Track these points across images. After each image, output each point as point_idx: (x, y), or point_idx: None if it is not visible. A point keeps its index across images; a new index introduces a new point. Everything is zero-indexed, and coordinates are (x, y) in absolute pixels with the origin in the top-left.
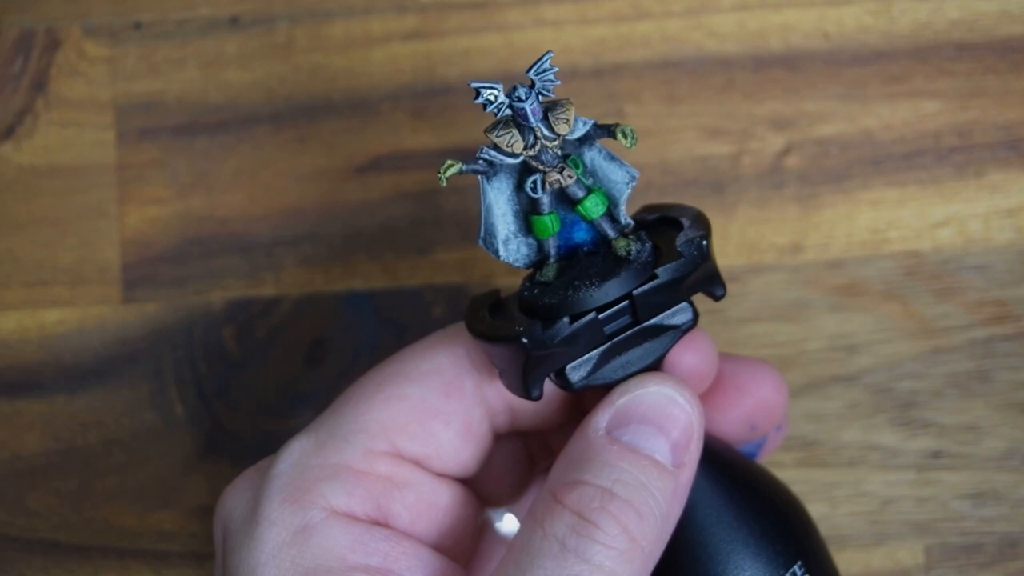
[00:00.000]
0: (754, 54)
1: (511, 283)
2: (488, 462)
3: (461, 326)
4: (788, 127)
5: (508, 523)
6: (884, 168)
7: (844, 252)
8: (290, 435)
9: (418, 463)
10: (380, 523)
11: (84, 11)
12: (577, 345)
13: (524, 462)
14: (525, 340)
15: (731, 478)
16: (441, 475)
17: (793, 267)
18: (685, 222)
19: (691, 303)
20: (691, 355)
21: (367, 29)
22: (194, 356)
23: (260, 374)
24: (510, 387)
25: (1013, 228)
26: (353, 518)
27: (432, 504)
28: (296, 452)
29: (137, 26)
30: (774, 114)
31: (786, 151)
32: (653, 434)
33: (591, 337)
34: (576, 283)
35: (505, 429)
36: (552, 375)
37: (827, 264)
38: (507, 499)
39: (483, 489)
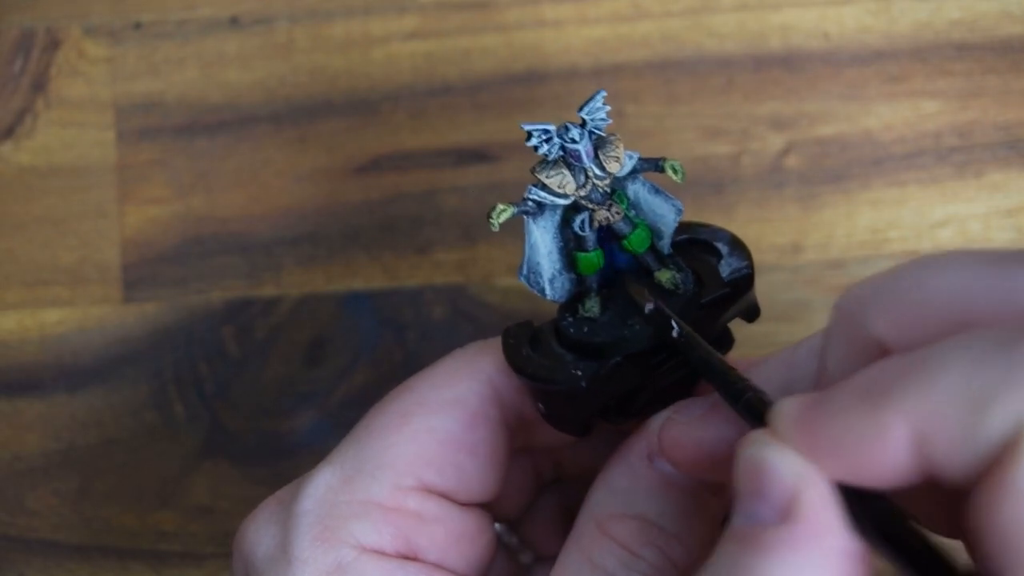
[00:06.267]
0: (754, 54)
1: (512, 284)
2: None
3: (478, 347)
4: (788, 127)
5: (506, 534)
6: (884, 168)
7: (844, 252)
8: (290, 435)
9: (445, 496)
10: (410, 558)
11: (84, 11)
12: (627, 381)
13: (532, 477)
14: (584, 384)
15: None
16: (467, 505)
17: (793, 267)
18: (722, 248)
19: (727, 328)
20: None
21: (367, 29)
22: (194, 356)
23: (260, 374)
24: (558, 426)
25: (1013, 228)
26: (384, 555)
27: (460, 535)
28: (322, 487)
29: (137, 26)
30: (774, 114)
31: (786, 151)
32: None
33: (639, 372)
34: (629, 321)
35: (519, 447)
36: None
37: (827, 264)
38: (514, 514)
39: (493, 505)
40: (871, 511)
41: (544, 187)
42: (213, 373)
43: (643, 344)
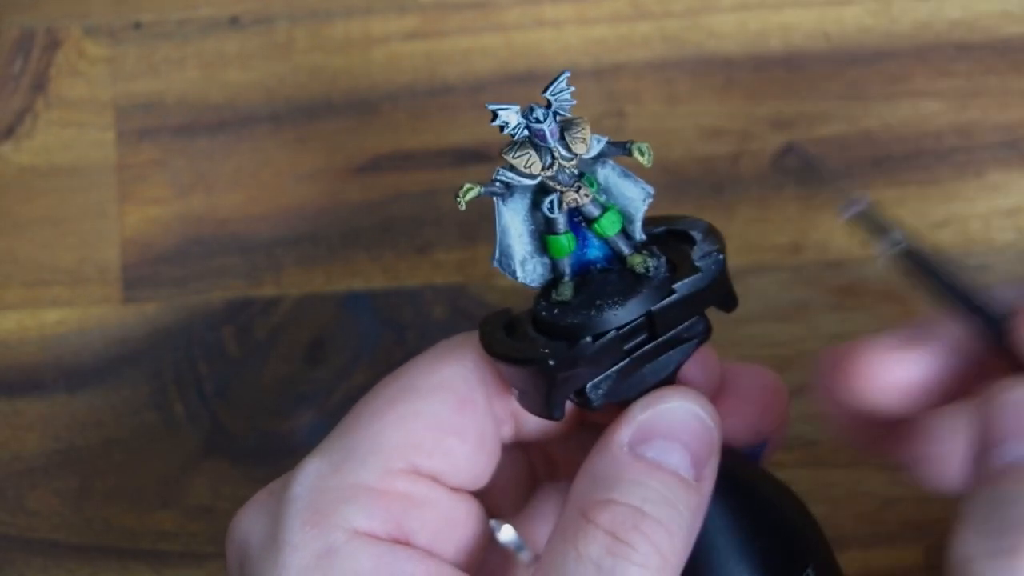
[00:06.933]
0: (754, 54)
1: (512, 284)
2: (494, 474)
3: (465, 337)
4: (788, 127)
5: (505, 533)
6: (884, 168)
7: (844, 252)
8: (290, 435)
9: (435, 479)
10: (401, 542)
11: (84, 11)
12: (600, 364)
13: (526, 472)
14: (552, 362)
15: (740, 484)
16: (457, 490)
17: (793, 267)
18: (697, 235)
19: (704, 316)
20: (695, 366)
21: (367, 29)
22: (194, 356)
23: (260, 374)
24: (531, 408)
25: (1013, 228)
26: (375, 538)
27: (451, 520)
28: (312, 474)
29: (137, 26)
30: (774, 114)
31: (786, 151)
32: (676, 449)
33: (612, 355)
34: (598, 302)
35: (508, 440)
36: (572, 394)
37: (827, 264)
38: (509, 510)
39: (487, 501)
40: None
41: (511, 168)
42: (213, 373)
43: (611, 325)
